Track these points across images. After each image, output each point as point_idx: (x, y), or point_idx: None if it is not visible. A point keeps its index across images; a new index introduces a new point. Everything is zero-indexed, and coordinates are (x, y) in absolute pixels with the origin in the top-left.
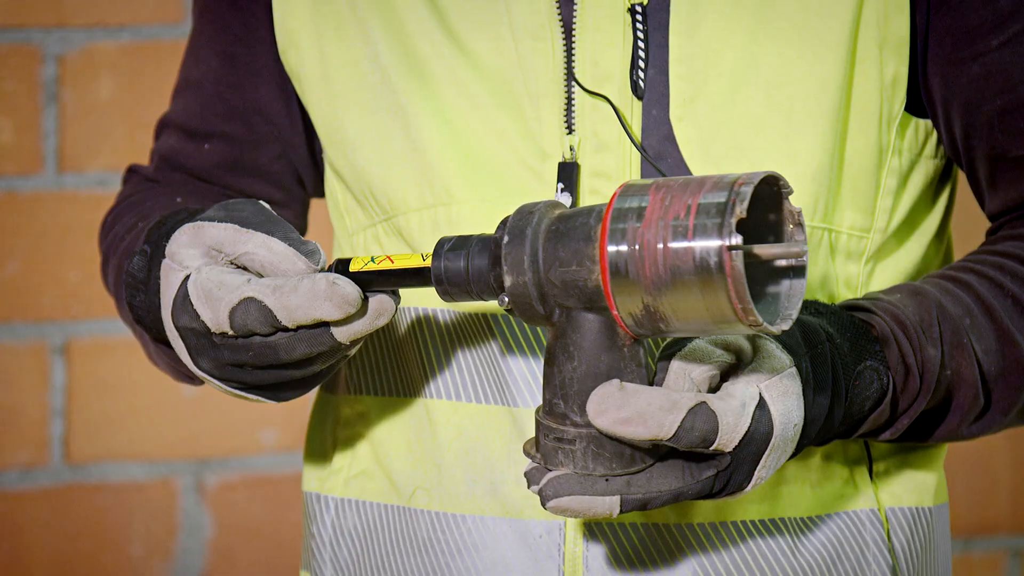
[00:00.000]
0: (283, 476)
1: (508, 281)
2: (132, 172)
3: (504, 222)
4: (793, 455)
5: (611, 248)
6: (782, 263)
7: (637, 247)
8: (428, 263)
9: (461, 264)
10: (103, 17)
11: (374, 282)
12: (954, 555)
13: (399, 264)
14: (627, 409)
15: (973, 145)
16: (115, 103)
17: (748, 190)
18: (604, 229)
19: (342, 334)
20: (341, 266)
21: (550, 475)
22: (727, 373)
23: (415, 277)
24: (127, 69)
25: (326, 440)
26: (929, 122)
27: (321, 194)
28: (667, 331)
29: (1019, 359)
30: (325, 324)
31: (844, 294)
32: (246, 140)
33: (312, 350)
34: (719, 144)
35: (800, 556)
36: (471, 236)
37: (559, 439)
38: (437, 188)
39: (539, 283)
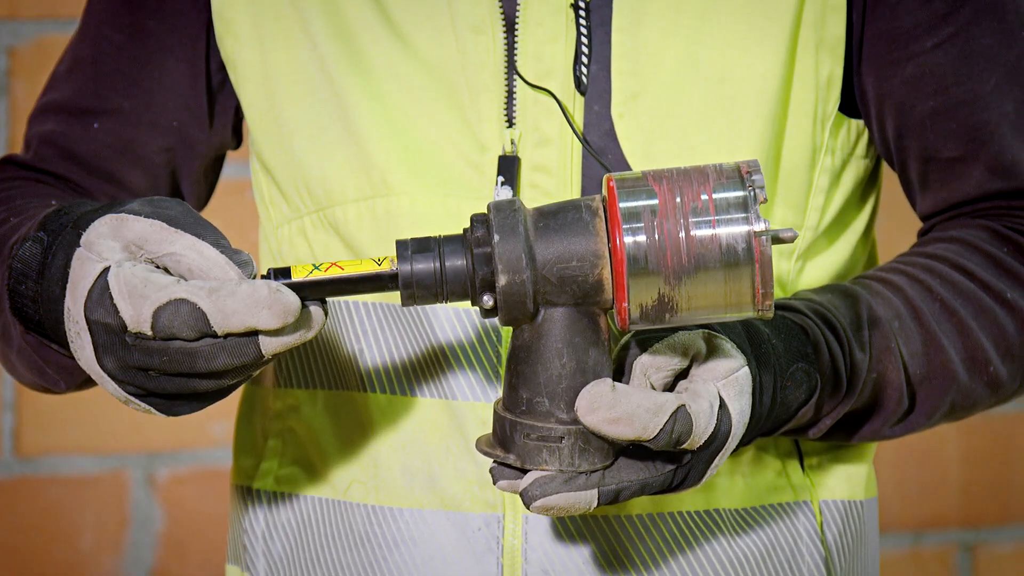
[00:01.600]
0: None
1: (503, 280)
2: (5, 163)
3: (482, 221)
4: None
5: (629, 240)
6: None
7: (657, 238)
8: (386, 267)
9: (433, 266)
10: (54, 9)
11: (311, 291)
12: (905, 549)
13: (351, 271)
14: (617, 410)
15: (905, 145)
16: None
17: (760, 178)
18: (616, 222)
19: (270, 346)
20: (279, 274)
21: (533, 475)
22: (681, 373)
23: (372, 283)
24: None
25: (255, 433)
26: (861, 122)
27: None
28: (668, 322)
29: (944, 363)
30: (254, 334)
31: (775, 291)
32: (141, 120)
33: (233, 361)
34: (660, 141)
35: (736, 546)
36: (430, 238)
37: (543, 437)
38: (375, 179)
39: (537, 280)
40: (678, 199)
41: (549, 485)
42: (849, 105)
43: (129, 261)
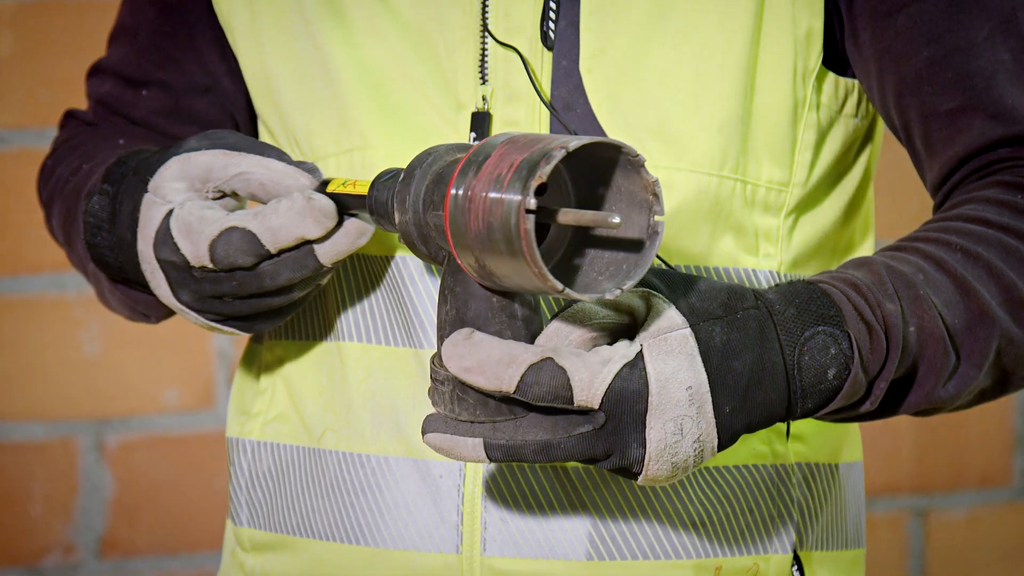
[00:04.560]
0: (184, 436)
1: (397, 218)
2: (69, 117)
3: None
4: (745, 427)
5: (453, 195)
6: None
7: (469, 201)
8: None
9: (385, 196)
10: None
11: (349, 205)
12: None
13: (359, 190)
14: (468, 359)
15: (906, 105)
16: (14, 61)
17: (561, 153)
18: (451, 178)
19: (325, 254)
20: (320, 186)
21: (429, 413)
22: (622, 332)
23: (360, 204)
24: (26, 27)
25: (250, 387)
26: (850, 80)
27: None
28: (509, 288)
29: (982, 308)
30: (307, 244)
31: (764, 246)
32: (183, 87)
33: (296, 275)
34: (627, 95)
35: (703, 505)
36: (400, 169)
37: (435, 379)
38: (353, 133)
39: (419, 224)
40: (498, 162)
41: (433, 423)
42: (837, 62)
43: (191, 201)
